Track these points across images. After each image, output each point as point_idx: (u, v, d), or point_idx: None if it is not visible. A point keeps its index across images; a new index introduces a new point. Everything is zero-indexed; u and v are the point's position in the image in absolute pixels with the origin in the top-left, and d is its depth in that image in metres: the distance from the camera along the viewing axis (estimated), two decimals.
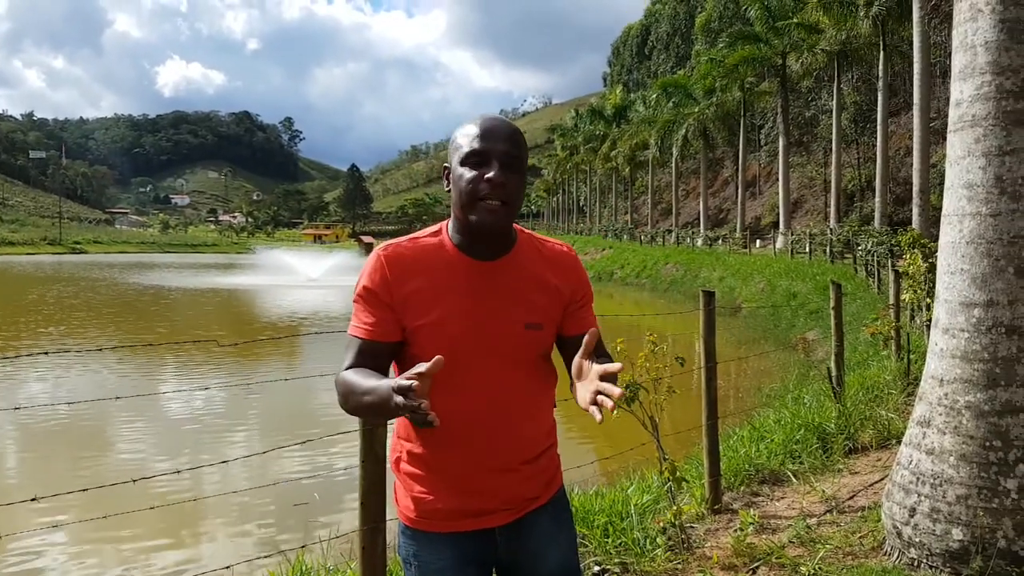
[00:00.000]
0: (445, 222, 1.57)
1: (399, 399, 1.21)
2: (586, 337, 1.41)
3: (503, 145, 1.45)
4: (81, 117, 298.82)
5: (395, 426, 1.63)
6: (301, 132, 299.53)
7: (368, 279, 1.50)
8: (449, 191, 1.51)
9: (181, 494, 6.05)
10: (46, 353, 3.24)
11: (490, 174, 1.42)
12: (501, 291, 1.52)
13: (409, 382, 1.19)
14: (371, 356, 1.49)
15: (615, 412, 1.33)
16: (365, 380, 1.38)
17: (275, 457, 6.95)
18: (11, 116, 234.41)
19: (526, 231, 1.62)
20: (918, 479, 3.23)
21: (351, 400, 1.42)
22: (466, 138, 1.47)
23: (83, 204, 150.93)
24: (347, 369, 1.47)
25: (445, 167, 1.54)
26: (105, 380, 11.44)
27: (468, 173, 1.44)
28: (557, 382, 1.64)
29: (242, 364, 12.82)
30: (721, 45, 36.49)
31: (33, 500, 2.82)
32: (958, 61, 3.25)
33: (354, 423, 2.71)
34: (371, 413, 1.41)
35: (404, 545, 1.61)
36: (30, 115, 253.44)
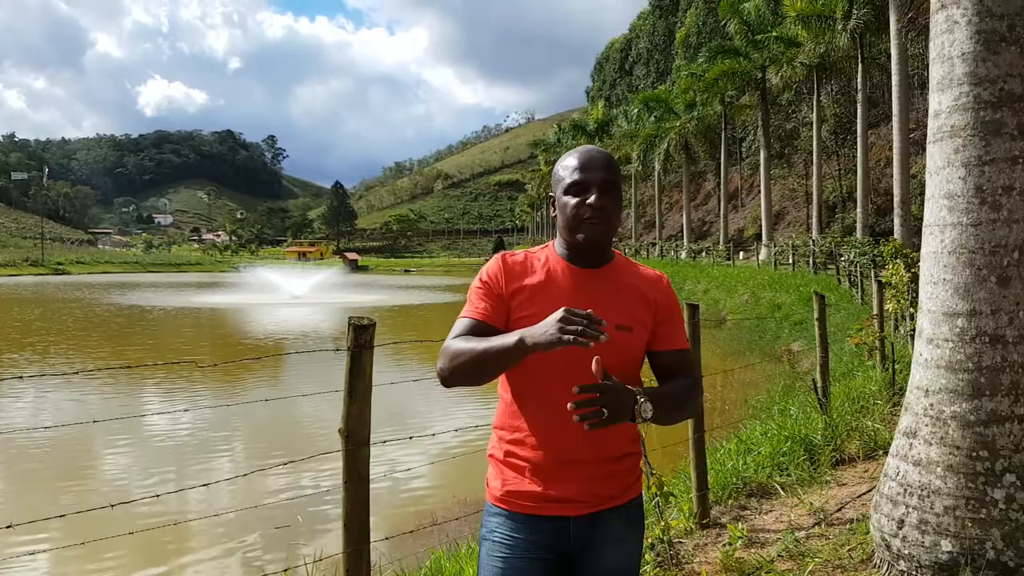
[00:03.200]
0: (551, 242, 1.82)
1: (565, 323, 1.42)
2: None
3: (600, 173, 1.69)
4: (63, 138, 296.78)
5: (494, 420, 1.80)
6: (284, 150, 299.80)
7: (487, 273, 1.75)
8: (554, 217, 1.76)
9: (162, 518, 5.94)
10: (20, 377, 3.15)
11: (590, 199, 1.67)
12: (597, 294, 1.72)
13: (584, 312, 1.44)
14: (477, 334, 1.68)
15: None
16: (481, 340, 1.60)
17: (257, 478, 6.84)
18: None
19: (624, 256, 1.85)
20: (906, 490, 3.22)
21: (464, 355, 1.59)
22: (567, 170, 1.72)
23: (65, 225, 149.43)
24: (455, 339, 1.67)
25: (550, 196, 1.79)
26: (84, 403, 11.26)
27: (572, 200, 1.69)
28: None
29: (225, 384, 12.68)
30: (701, 59, 36.89)
31: (8, 527, 2.75)
32: (936, 72, 3.27)
33: (337, 443, 2.67)
34: (490, 359, 1.57)
35: (485, 523, 1.77)
36: (11, 136, 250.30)
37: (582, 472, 1.69)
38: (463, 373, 1.60)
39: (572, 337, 1.39)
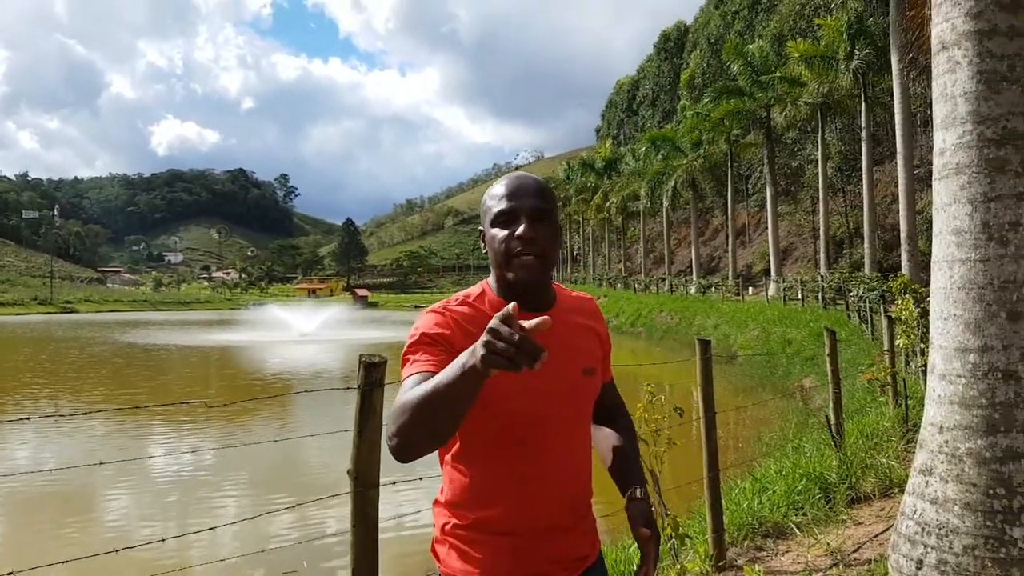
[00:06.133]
0: (486, 281, 1.58)
1: (489, 348, 1.07)
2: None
3: (530, 200, 1.48)
4: (75, 177, 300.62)
5: (439, 495, 1.58)
6: (296, 188, 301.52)
7: (426, 327, 1.46)
8: (486, 253, 1.53)
9: (168, 562, 5.89)
10: (27, 419, 3.15)
11: (519, 230, 1.45)
12: (556, 340, 1.48)
13: (507, 312, 1.09)
14: None
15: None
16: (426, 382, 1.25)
17: (264, 521, 6.79)
18: (5, 177, 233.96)
19: (557, 284, 1.63)
20: (923, 529, 3.17)
21: (414, 408, 1.22)
22: (494, 199, 1.50)
23: (75, 263, 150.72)
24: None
25: (480, 231, 1.56)
26: (90, 444, 11.23)
27: (500, 232, 1.47)
28: None
29: (232, 424, 12.64)
30: (706, 99, 37.25)
31: (10, 574, 2.73)
32: (939, 111, 3.31)
33: (346, 486, 2.64)
34: (445, 400, 1.18)
35: None
36: (24, 175, 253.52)
37: (557, 539, 1.52)
38: (414, 430, 1.23)
39: (502, 362, 1.07)
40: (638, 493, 1.59)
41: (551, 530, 1.51)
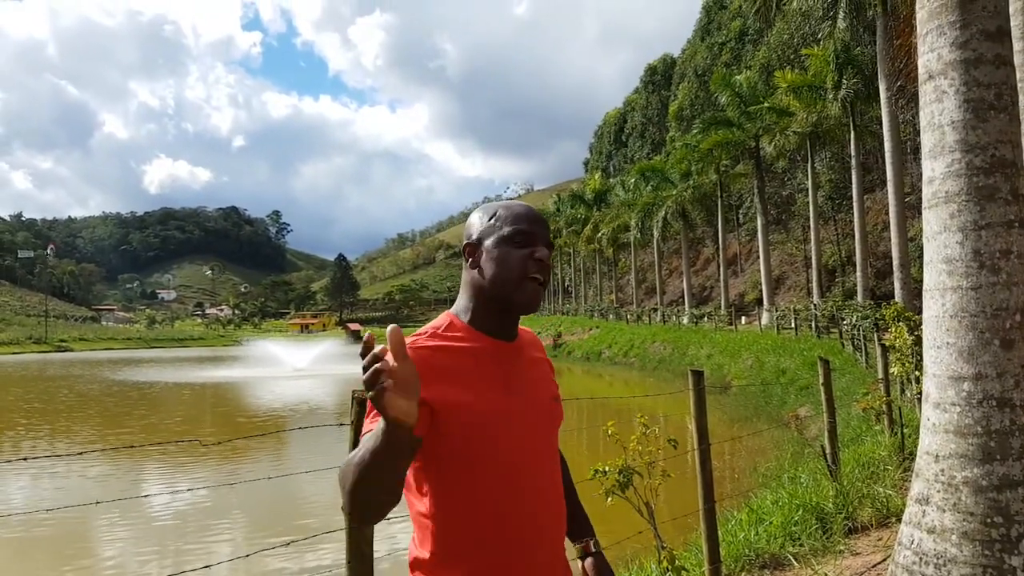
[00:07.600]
0: (449, 313, 1.51)
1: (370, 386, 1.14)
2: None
3: (543, 230, 1.51)
4: (69, 216, 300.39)
5: (416, 551, 1.46)
6: (288, 224, 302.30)
7: None
8: (476, 270, 1.49)
9: None
10: (24, 459, 3.09)
11: (540, 253, 1.47)
12: (526, 370, 1.52)
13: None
14: None
15: (610, 499, 1.32)
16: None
17: (259, 559, 6.69)
18: (0, 217, 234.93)
19: None
20: (921, 559, 3.14)
21: (354, 474, 1.21)
22: (505, 220, 1.50)
23: (70, 302, 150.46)
24: None
25: (467, 245, 1.52)
26: (86, 484, 11.10)
27: (516, 252, 1.46)
28: None
29: (226, 461, 12.51)
30: (695, 131, 37.67)
31: None
32: (927, 140, 3.35)
33: (341, 522, 2.62)
34: (376, 466, 1.19)
35: None
36: (18, 216, 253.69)
37: None
38: (362, 496, 1.22)
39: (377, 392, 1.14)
40: (592, 547, 1.52)
41: (528, 569, 1.43)
